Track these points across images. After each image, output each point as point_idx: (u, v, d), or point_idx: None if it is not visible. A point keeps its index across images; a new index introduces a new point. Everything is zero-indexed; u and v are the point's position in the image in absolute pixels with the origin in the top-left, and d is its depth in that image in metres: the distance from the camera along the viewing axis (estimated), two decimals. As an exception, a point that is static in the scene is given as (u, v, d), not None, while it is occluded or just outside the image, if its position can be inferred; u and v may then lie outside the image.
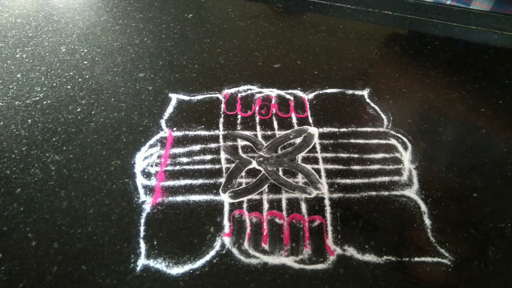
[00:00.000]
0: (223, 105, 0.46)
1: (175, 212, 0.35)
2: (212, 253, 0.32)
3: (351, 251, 0.32)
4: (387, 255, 0.32)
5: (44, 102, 0.47)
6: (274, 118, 0.45)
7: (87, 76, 0.51)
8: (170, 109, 0.45)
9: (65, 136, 0.42)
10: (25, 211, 0.35)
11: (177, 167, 0.39)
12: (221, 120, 0.44)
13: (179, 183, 0.37)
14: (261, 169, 0.39)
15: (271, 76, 0.51)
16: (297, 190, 0.37)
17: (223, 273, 0.31)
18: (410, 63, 0.56)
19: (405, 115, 0.46)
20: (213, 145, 0.41)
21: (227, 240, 0.33)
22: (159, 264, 0.31)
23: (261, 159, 0.40)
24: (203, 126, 0.43)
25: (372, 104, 0.47)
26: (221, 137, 0.42)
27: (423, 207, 0.35)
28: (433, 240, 0.33)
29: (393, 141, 0.42)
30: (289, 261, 0.31)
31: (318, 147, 0.41)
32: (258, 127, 0.44)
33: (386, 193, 0.37)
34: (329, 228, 0.34)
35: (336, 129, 0.43)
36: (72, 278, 0.30)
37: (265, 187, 0.37)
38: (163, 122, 0.44)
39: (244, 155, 0.40)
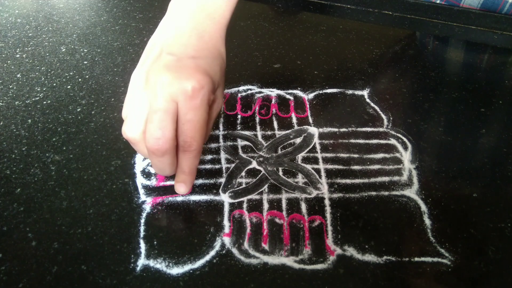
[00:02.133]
0: (223, 105, 0.46)
1: (175, 212, 0.35)
2: (212, 253, 0.32)
3: (351, 251, 0.32)
4: (387, 255, 0.32)
5: (44, 102, 0.47)
6: (274, 118, 0.45)
7: (87, 76, 0.51)
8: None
9: (65, 136, 0.42)
10: (25, 211, 0.35)
11: (177, 167, 0.39)
12: (221, 120, 0.44)
13: (179, 183, 0.37)
14: (261, 169, 0.39)
15: (271, 76, 0.51)
16: (297, 190, 0.37)
17: (223, 273, 0.31)
18: (410, 63, 0.56)
19: (405, 115, 0.46)
20: (213, 145, 0.41)
21: (227, 240, 0.33)
22: (159, 264, 0.31)
23: (261, 159, 0.40)
24: (203, 126, 0.43)
25: (372, 104, 0.47)
26: (221, 137, 0.42)
27: (423, 207, 0.35)
28: (433, 240, 0.33)
29: (393, 141, 0.42)
30: (289, 261, 0.31)
31: (318, 147, 0.41)
32: (258, 127, 0.44)
33: (386, 193, 0.37)
34: (329, 228, 0.34)
35: (336, 129, 0.43)
36: (72, 278, 0.30)
37: (265, 187, 0.37)
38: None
39: (244, 155, 0.40)
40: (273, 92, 0.48)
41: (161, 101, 0.31)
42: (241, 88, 0.49)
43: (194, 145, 0.33)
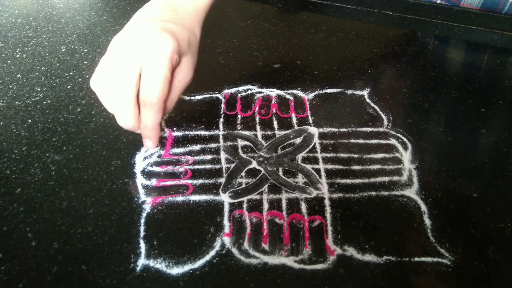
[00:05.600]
0: (223, 105, 0.46)
1: (175, 212, 0.35)
2: (212, 253, 0.32)
3: (351, 251, 0.32)
4: (387, 255, 0.32)
5: (44, 102, 0.47)
6: (274, 118, 0.45)
7: (87, 76, 0.51)
8: (170, 109, 0.45)
9: (65, 136, 0.42)
10: (25, 211, 0.35)
11: (177, 167, 0.39)
12: (221, 120, 0.44)
13: (179, 183, 0.37)
14: (261, 169, 0.39)
15: (271, 76, 0.51)
16: (297, 190, 0.37)
17: (223, 273, 0.31)
18: (410, 63, 0.56)
19: (405, 115, 0.46)
20: (213, 145, 0.41)
21: (227, 240, 0.33)
22: (159, 264, 0.31)
23: (261, 159, 0.40)
24: (203, 126, 0.43)
25: (372, 104, 0.47)
26: (221, 137, 0.42)
27: (423, 207, 0.35)
28: (433, 240, 0.33)
29: (393, 141, 0.42)
30: (289, 261, 0.31)
31: (318, 147, 0.41)
32: (258, 127, 0.44)
33: (386, 193, 0.37)
34: (329, 228, 0.34)
35: (336, 129, 0.43)
36: (72, 278, 0.30)
37: (265, 187, 0.37)
38: (163, 122, 0.44)
39: (244, 155, 0.40)
40: (273, 92, 0.48)
41: (125, 55, 0.35)
42: (241, 88, 0.49)
43: (154, 100, 0.35)
